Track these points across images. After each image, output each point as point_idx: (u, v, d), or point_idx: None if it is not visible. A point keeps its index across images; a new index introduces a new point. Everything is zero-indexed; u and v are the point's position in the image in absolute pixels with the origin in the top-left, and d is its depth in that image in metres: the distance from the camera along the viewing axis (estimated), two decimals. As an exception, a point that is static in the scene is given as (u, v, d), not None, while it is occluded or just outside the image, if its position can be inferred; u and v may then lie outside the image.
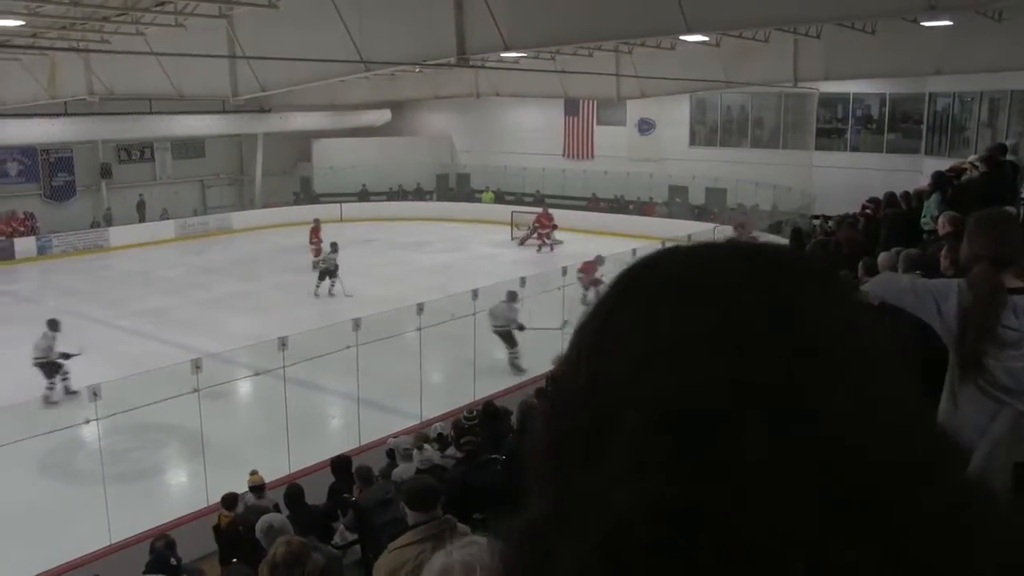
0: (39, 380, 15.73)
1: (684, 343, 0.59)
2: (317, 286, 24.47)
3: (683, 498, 0.56)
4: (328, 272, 24.52)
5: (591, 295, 24.90)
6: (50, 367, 16.45)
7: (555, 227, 32.48)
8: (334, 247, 24.91)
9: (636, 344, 0.61)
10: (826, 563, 0.54)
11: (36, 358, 16.63)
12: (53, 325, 17.34)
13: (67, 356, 16.71)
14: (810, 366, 0.58)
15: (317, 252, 27.10)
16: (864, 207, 14.84)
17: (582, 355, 0.65)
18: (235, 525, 9.16)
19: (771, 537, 0.54)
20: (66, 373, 16.34)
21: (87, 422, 11.21)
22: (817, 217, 20.10)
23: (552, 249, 31.54)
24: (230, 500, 9.95)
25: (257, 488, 10.04)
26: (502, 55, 20.01)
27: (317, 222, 29.07)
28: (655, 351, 0.60)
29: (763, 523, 0.54)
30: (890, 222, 11.88)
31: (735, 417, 0.56)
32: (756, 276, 0.63)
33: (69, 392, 16.04)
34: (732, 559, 0.54)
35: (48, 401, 15.65)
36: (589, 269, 23.20)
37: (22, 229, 32.77)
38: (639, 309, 0.63)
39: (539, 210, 33.52)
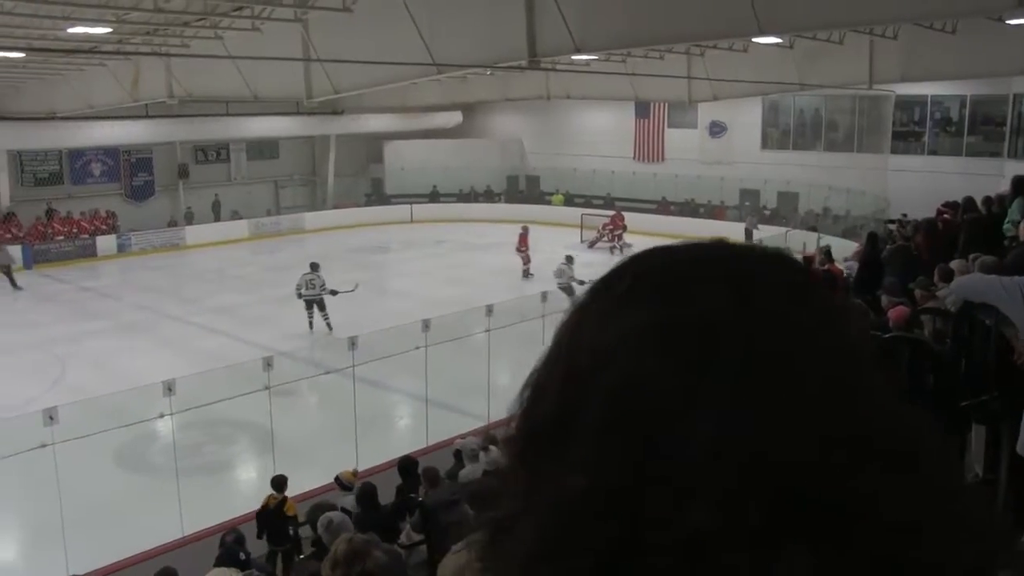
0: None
1: (642, 338, 0.61)
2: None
3: (629, 493, 0.57)
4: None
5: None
6: (319, 303, 20.29)
7: (625, 228, 32.37)
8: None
9: (603, 339, 0.62)
10: (772, 566, 0.54)
11: (306, 294, 20.46)
12: (315, 267, 20.99)
13: (334, 292, 20.43)
14: (764, 366, 0.58)
15: (527, 260, 27.38)
16: (940, 211, 14.49)
17: (559, 349, 0.66)
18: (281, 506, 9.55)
19: (717, 538, 0.54)
20: (326, 314, 20.22)
21: (161, 416, 11.44)
22: (892, 221, 19.63)
23: (622, 251, 31.35)
24: (279, 482, 10.15)
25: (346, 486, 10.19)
26: (573, 57, 19.97)
27: (526, 229, 28.73)
28: (617, 346, 0.61)
29: (709, 523, 0.55)
30: (969, 227, 11.57)
31: (685, 416, 0.57)
32: (721, 273, 0.64)
33: (329, 328, 20.27)
34: (677, 560, 0.55)
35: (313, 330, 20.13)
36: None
37: (104, 227, 33.65)
38: (610, 304, 0.65)
39: (609, 212, 33.45)
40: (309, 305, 20.97)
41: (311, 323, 21.09)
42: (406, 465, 10.37)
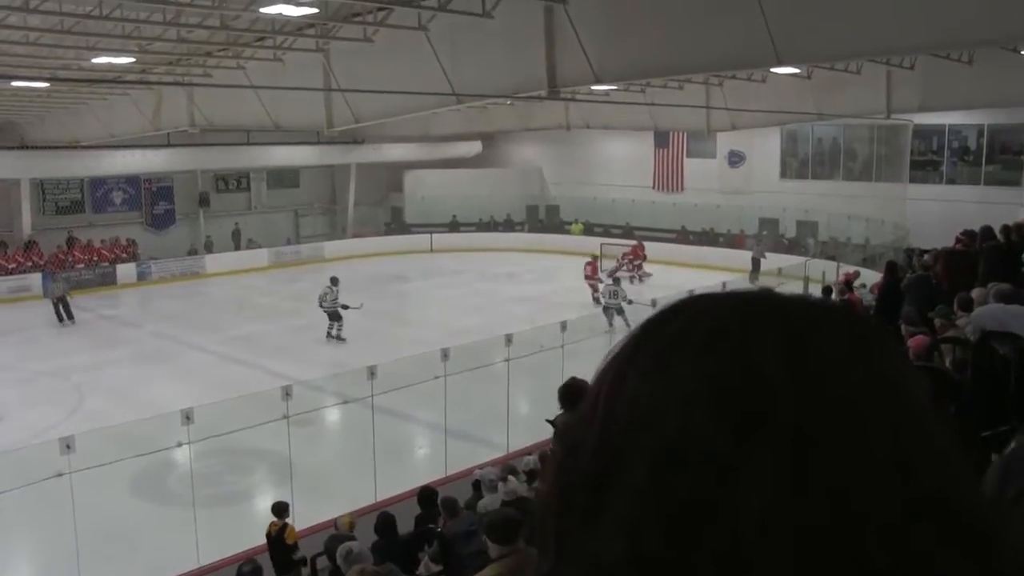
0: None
1: (690, 395, 0.58)
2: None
3: (671, 563, 0.54)
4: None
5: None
6: (334, 314, 22.53)
7: (645, 258, 32.37)
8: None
9: (646, 394, 0.60)
10: None
11: (324, 306, 22.69)
12: (335, 281, 23.35)
13: (347, 307, 22.54)
14: (821, 433, 0.55)
15: (595, 288, 27.58)
16: (959, 240, 14.39)
17: (598, 404, 0.63)
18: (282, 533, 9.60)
19: None
20: (341, 325, 22.35)
21: (180, 445, 11.42)
22: (912, 250, 19.54)
23: (641, 280, 31.36)
24: (279, 508, 10.11)
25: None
26: (592, 88, 20.02)
27: (595, 258, 29.38)
28: (662, 402, 0.58)
29: None
30: (989, 256, 11.49)
31: (735, 484, 0.54)
32: (771, 326, 0.60)
33: (340, 339, 22.64)
34: None
35: (328, 338, 22.63)
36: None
37: (124, 255, 33.85)
38: (653, 358, 0.62)
39: (630, 242, 33.46)
40: (328, 316, 23.07)
41: (328, 333, 23.10)
42: (425, 495, 10.31)
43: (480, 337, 17.05)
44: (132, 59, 19.29)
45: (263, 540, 10.48)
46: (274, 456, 13.08)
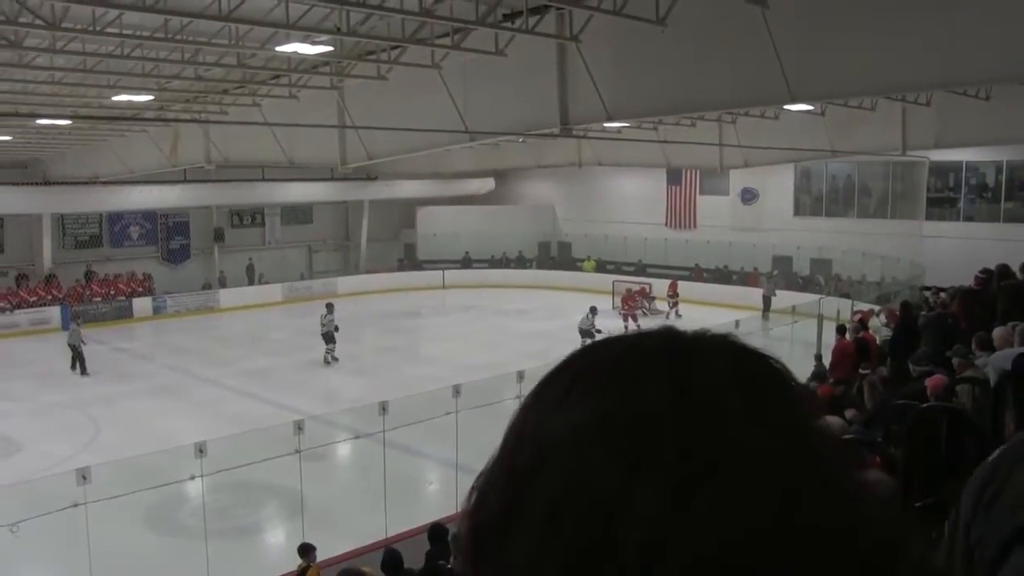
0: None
1: (579, 436, 0.60)
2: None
3: None
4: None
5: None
6: (328, 336, 24.09)
7: (654, 298, 32.42)
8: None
9: (542, 437, 0.62)
10: None
11: (323, 331, 24.14)
12: (330, 308, 24.94)
13: (337, 328, 24.03)
14: (701, 463, 0.57)
15: (636, 318, 29.05)
16: (977, 278, 14.34)
17: (504, 448, 0.66)
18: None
19: None
20: (334, 347, 24.06)
21: (192, 478, 11.45)
22: (928, 288, 19.44)
23: (645, 315, 31.60)
24: (303, 550, 10.07)
25: None
26: (605, 125, 20.16)
27: (629, 291, 30.32)
28: (559, 441, 0.60)
29: None
30: (1007, 295, 11.43)
31: (622, 517, 0.55)
32: (663, 365, 0.62)
33: (333, 360, 24.15)
34: None
35: (325, 362, 24.04)
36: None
37: (140, 290, 34.08)
38: (553, 400, 0.64)
39: (642, 280, 33.58)
40: (323, 339, 24.29)
41: (324, 358, 24.27)
42: (436, 531, 10.28)
43: (492, 374, 17.05)
44: (151, 97, 19.59)
45: (273, 574, 10.47)
46: (285, 490, 13.08)
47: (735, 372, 0.62)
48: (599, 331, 23.46)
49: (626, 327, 29.06)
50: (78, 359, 23.75)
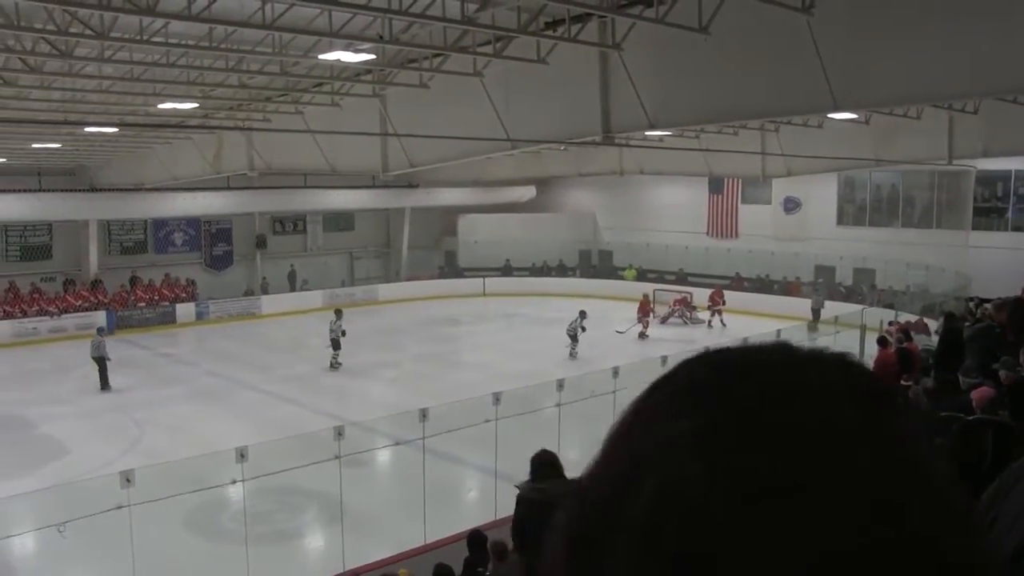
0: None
1: (682, 444, 0.58)
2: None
3: None
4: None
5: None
6: (336, 343, 24.62)
7: (695, 307, 32.34)
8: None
9: (644, 444, 0.60)
10: None
11: (331, 336, 24.70)
12: (339, 314, 25.40)
13: (344, 333, 24.73)
14: (814, 483, 0.54)
15: (646, 325, 29.31)
16: (1024, 290, 14.13)
17: (605, 454, 0.64)
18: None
19: None
20: (339, 353, 24.64)
21: (233, 482, 11.53)
22: (971, 299, 19.16)
23: (685, 323, 31.54)
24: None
25: None
26: (647, 133, 20.09)
27: (645, 297, 30.42)
28: (655, 455, 0.59)
29: None
30: (1054, 307, 11.24)
31: (727, 534, 0.53)
32: (775, 380, 0.61)
33: (337, 364, 24.74)
34: None
35: (331, 367, 24.69)
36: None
37: (183, 295, 34.49)
38: (656, 409, 0.62)
39: (684, 289, 33.50)
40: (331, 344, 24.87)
41: (331, 363, 24.91)
42: (475, 538, 10.27)
43: (531, 382, 17.04)
44: (195, 104, 19.84)
45: (313, 579, 10.53)
46: (325, 496, 13.14)
47: (846, 387, 0.61)
48: (584, 329, 26.06)
49: (642, 332, 29.15)
50: (103, 373, 22.90)
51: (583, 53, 15.44)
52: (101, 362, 22.99)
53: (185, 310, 33.62)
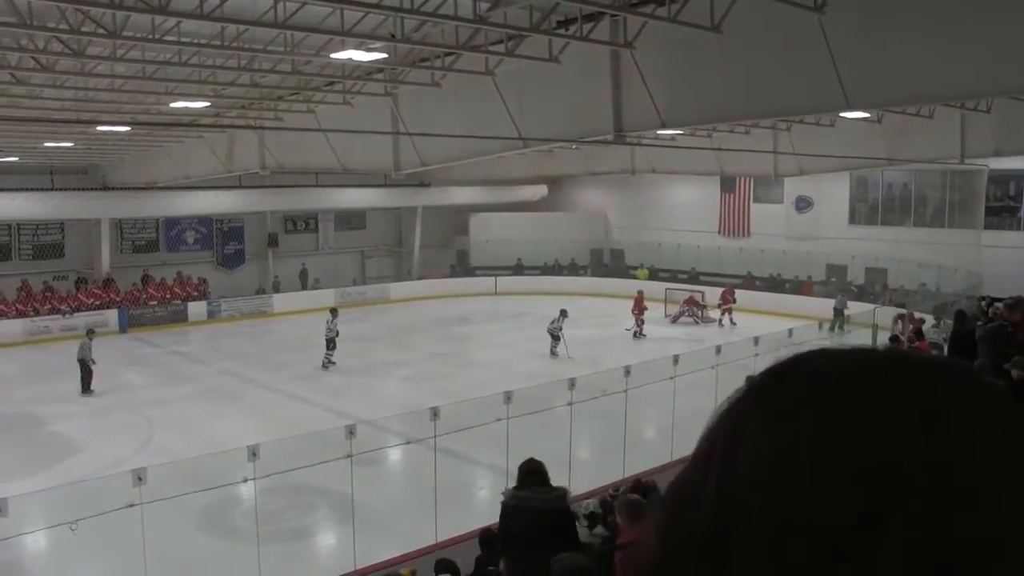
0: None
1: (816, 449, 0.54)
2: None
3: None
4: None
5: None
6: (331, 342, 24.90)
7: (704, 306, 32.31)
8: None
9: (767, 450, 0.56)
10: None
11: (326, 335, 24.96)
12: (334, 313, 25.80)
13: (338, 334, 24.93)
14: (961, 502, 0.51)
15: (641, 324, 29.46)
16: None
17: (712, 458, 0.59)
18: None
19: None
20: (334, 351, 24.85)
21: (245, 481, 11.55)
22: (983, 299, 19.07)
23: (696, 323, 31.54)
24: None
25: None
26: (658, 132, 20.04)
27: (640, 294, 30.37)
28: (785, 459, 0.54)
29: None
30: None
31: (867, 551, 0.50)
32: (906, 387, 0.56)
33: (330, 364, 24.83)
34: None
35: (323, 367, 24.69)
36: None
37: (195, 294, 34.59)
38: (775, 412, 0.58)
39: (695, 288, 33.47)
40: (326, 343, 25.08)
41: (323, 362, 25.01)
42: (487, 537, 10.26)
43: (543, 380, 17.02)
44: (207, 103, 19.86)
45: (324, 578, 10.54)
46: (336, 494, 13.15)
47: (989, 406, 0.57)
48: (561, 330, 25.97)
49: (637, 332, 29.16)
50: (85, 377, 22.35)
51: (595, 52, 15.41)
52: (84, 365, 22.50)
53: (197, 308, 33.72)
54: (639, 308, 30.14)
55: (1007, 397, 0.58)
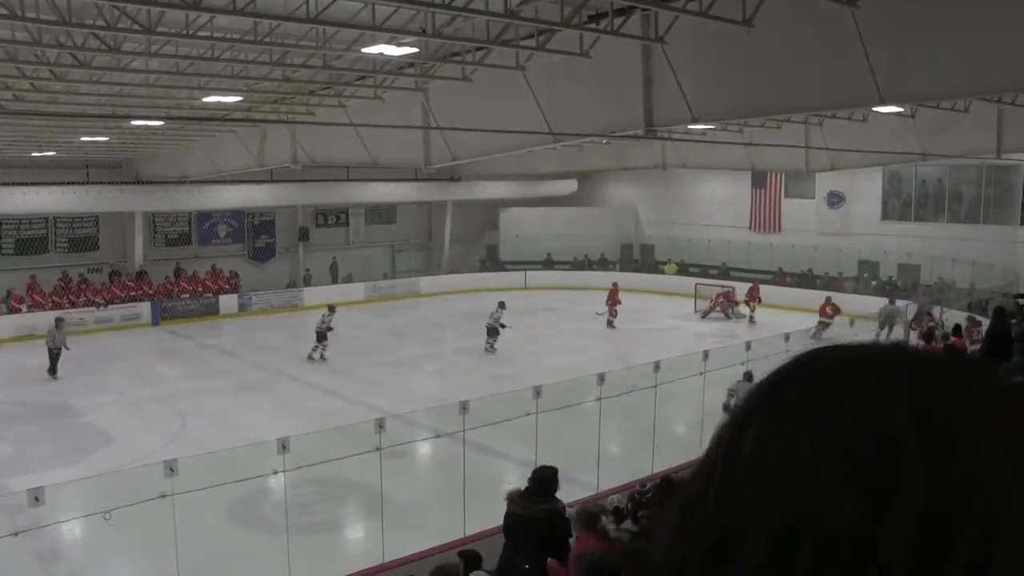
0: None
1: (814, 455, 0.54)
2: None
3: None
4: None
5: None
6: (322, 335, 24.96)
7: (736, 303, 32.12)
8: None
9: (766, 453, 0.56)
10: None
11: (318, 328, 25.07)
12: (332, 309, 25.66)
13: (331, 329, 25.04)
14: (949, 479, 0.51)
15: (614, 315, 29.67)
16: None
17: (715, 464, 0.59)
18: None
19: None
20: (326, 345, 24.82)
21: (275, 473, 11.63)
22: (1020, 296, 18.83)
23: (729, 318, 31.38)
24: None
25: None
26: (689, 127, 19.95)
27: (616, 285, 30.53)
28: (784, 463, 0.54)
29: None
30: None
31: (869, 551, 0.50)
32: (908, 386, 0.56)
33: (321, 359, 24.84)
34: None
35: (310, 359, 24.87)
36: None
37: (227, 287, 34.85)
38: (774, 414, 0.58)
39: (726, 283, 33.30)
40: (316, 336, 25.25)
41: (309, 354, 25.21)
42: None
43: (572, 376, 17.01)
44: (239, 98, 20.00)
45: (353, 570, 10.59)
46: (365, 487, 13.23)
47: (979, 394, 0.57)
48: (503, 326, 25.71)
49: (609, 320, 29.13)
50: (52, 361, 23.29)
51: (626, 46, 15.35)
52: (50, 352, 23.37)
53: (228, 302, 33.98)
54: (613, 300, 30.20)
55: (1012, 395, 0.58)
